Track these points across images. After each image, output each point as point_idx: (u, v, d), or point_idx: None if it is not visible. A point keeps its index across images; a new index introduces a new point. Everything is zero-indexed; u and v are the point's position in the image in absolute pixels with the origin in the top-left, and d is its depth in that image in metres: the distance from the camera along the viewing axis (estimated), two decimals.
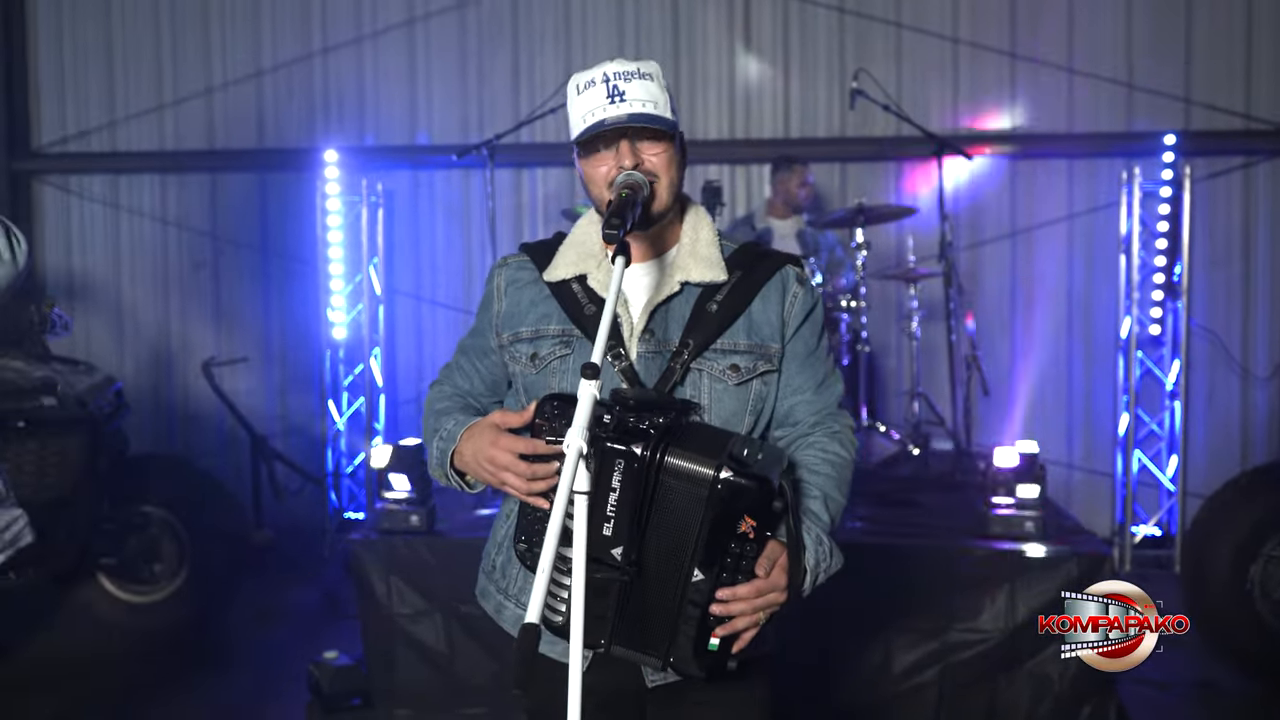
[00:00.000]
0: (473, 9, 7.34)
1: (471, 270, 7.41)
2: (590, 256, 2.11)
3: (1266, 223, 6.93)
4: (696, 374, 2.03)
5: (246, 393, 7.29)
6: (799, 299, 2.12)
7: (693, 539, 1.77)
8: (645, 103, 1.98)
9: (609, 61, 2.02)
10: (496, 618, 2.18)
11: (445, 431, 2.08)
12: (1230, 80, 6.91)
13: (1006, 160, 7.00)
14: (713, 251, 2.10)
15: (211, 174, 7.62)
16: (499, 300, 2.19)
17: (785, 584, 1.85)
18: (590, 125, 1.98)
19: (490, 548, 2.25)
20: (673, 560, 1.79)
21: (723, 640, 1.84)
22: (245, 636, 5.46)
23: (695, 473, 1.75)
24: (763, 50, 7.20)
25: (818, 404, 2.13)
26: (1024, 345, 7.09)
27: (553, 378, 2.07)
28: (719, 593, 1.81)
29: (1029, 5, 6.99)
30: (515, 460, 1.90)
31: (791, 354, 2.11)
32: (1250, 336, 6.97)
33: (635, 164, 1.98)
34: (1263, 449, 6.94)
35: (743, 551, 1.80)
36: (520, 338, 2.13)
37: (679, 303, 2.07)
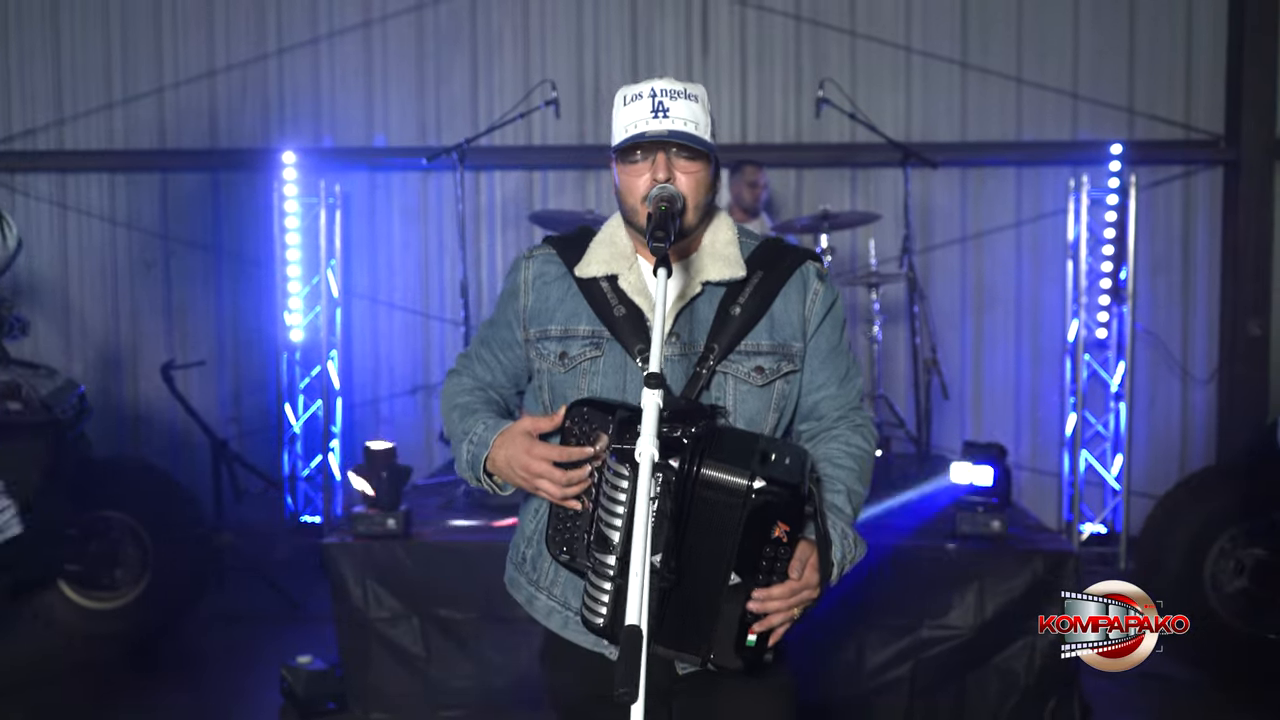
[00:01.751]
0: (430, 12, 7.33)
1: (428, 272, 7.41)
2: (622, 257, 2.16)
3: (1205, 230, 7.17)
4: (721, 377, 2.09)
5: (199, 395, 7.22)
6: (820, 296, 2.19)
7: (730, 545, 1.85)
8: (687, 122, 2.04)
9: (658, 79, 2.08)
10: (528, 607, 2.24)
11: (476, 436, 2.12)
12: (1171, 92, 7.14)
13: (957, 168, 7.16)
14: (731, 250, 2.16)
15: (163, 174, 7.51)
16: (526, 294, 2.22)
17: (817, 582, 1.94)
18: (632, 135, 2.04)
19: (518, 540, 2.30)
20: (712, 565, 1.87)
21: (759, 635, 1.91)
22: (210, 641, 5.42)
23: (731, 484, 1.83)
24: (720, 57, 7.28)
25: (841, 399, 2.21)
26: (974, 348, 7.25)
27: (582, 379, 2.12)
28: (756, 593, 1.89)
29: (980, 16, 7.16)
30: (550, 468, 1.96)
31: (814, 350, 2.18)
32: (1190, 339, 7.21)
33: (668, 178, 2.03)
34: (1201, 449, 7.18)
35: (777, 554, 1.88)
36: (549, 335, 2.17)
37: (702, 304, 2.14)
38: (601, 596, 1.88)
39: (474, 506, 4.98)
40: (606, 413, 1.93)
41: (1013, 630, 4.26)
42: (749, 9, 7.22)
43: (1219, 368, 7.13)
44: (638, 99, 2.06)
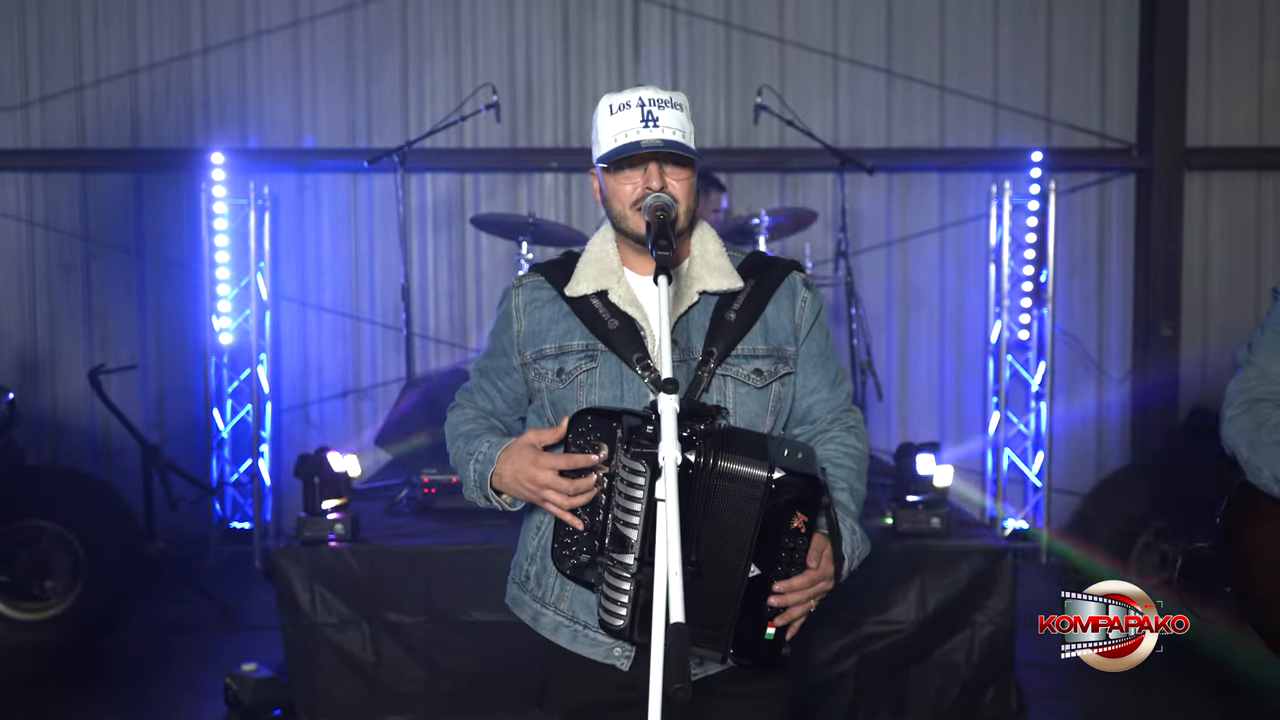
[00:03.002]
0: (360, 12, 7.27)
1: (359, 275, 7.35)
2: (610, 272, 2.21)
3: (1119, 235, 7.43)
4: (721, 379, 2.15)
5: (121, 401, 7.00)
6: (809, 303, 2.27)
7: (749, 536, 1.90)
8: (676, 131, 2.10)
9: (642, 87, 2.14)
10: (534, 625, 2.26)
11: (481, 454, 2.15)
12: (1086, 101, 7.39)
13: (883, 173, 7.31)
14: (724, 261, 2.23)
15: (82, 174, 7.32)
16: (519, 320, 2.26)
17: (833, 572, 2.01)
18: (624, 145, 2.09)
19: (520, 559, 2.32)
20: (730, 557, 1.91)
21: (777, 628, 1.97)
22: (146, 652, 5.33)
23: (749, 475, 1.88)
24: (651, 61, 7.35)
25: (833, 401, 2.28)
26: (900, 349, 7.43)
27: (580, 391, 2.16)
28: (777, 585, 1.95)
29: (905, 25, 7.33)
30: (556, 478, 1.99)
31: (805, 356, 2.25)
32: (1105, 340, 7.47)
33: (661, 186, 2.08)
34: (1117, 446, 7.44)
35: (795, 545, 1.94)
36: (544, 354, 2.21)
37: (697, 312, 2.20)
38: (620, 598, 1.91)
39: (419, 511, 4.98)
40: (611, 420, 1.97)
41: (953, 624, 4.40)
42: (679, 14, 7.30)
43: (1132, 368, 7.40)
44: (625, 108, 2.11)
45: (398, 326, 6.96)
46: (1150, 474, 5.43)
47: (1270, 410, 2.46)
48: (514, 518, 4.88)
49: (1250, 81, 7.35)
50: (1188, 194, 7.29)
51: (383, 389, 7.33)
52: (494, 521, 4.84)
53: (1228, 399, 2.56)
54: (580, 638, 2.17)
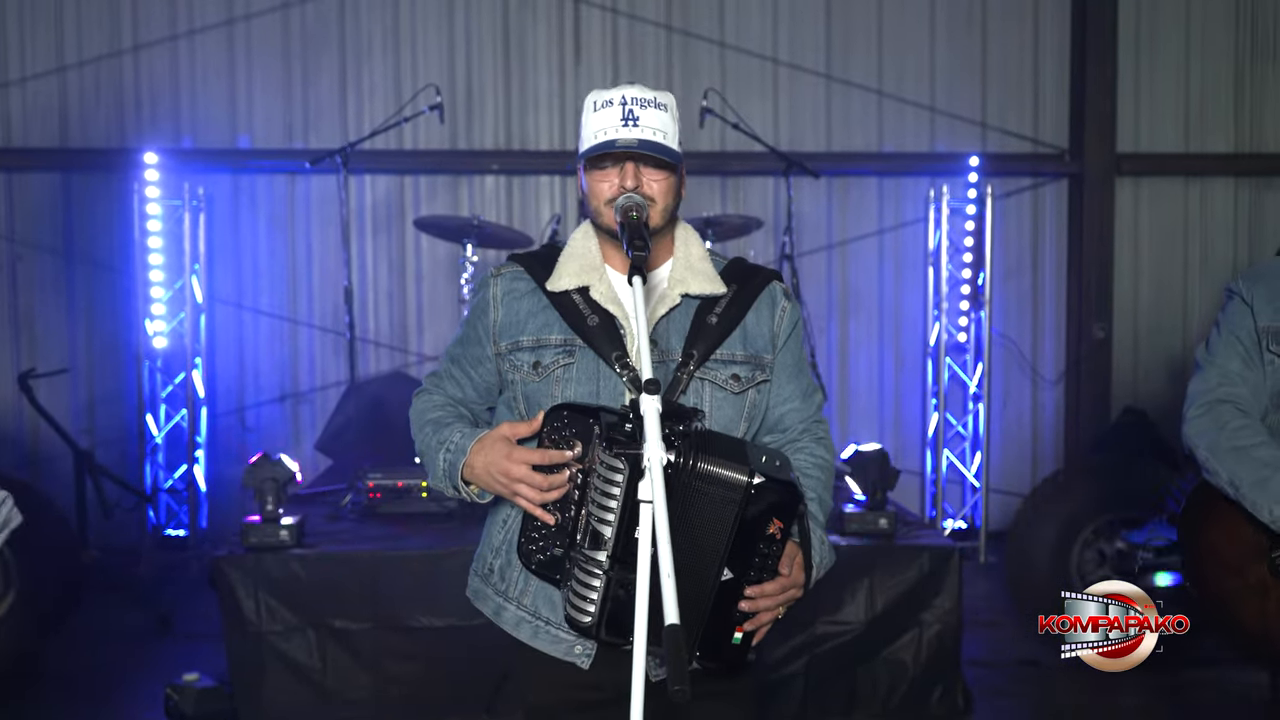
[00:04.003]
0: (296, 11, 7.17)
1: (296, 277, 7.24)
2: (593, 269, 2.19)
3: (1052, 239, 7.57)
4: (699, 383, 2.14)
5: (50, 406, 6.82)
6: (787, 313, 2.27)
7: (725, 540, 1.89)
8: (656, 131, 2.09)
9: (628, 86, 2.13)
10: (496, 619, 2.23)
11: (453, 444, 2.12)
12: (1020, 107, 7.53)
13: (823, 177, 7.37)
14: (707, 265, 2.23)
15: (7, 173, 7.12)
16: (495, 309, 2.23)
17: (803, 580, 2.02)
18: (601, 143, 2.08)
19: (484, 551, 2.29)
20: (705, 560, 1.91)
21: (744, 634, 1.96)
22: (81, 662, 5.19)
23: (730, 479, 1.87)
24: (592, 64, 7.34)
25: (805, 412, 2.29)
26: (840, 352, 7.49)
27: (556, 386, 2.14)
28: (750, 590, 1.95)
29: (843, 30, 7.40)
30: (530, 472, 1.97)
31: (781, 365, 2.25)
32: (1039, 343, 7.60)
33: (636, 186, 2.08)
34: (1051, 447, 7.58)
35: (770, 551, 1.94)
36: (521, 346, 2.18)
37: (678, 314, 2.19)
38: (590, 594, 1.89)
39: (363, 516, 4.92)
40: (588, 416, 1.95)
41: (901, 623, 4.44)
42: (620, 17, 7.30)
43: (1066, 369, 7.54)
44: (608, 105, 2.09)
45: (336, 330, 6.88)
46: (1088, 473, 5.52)
47: (1231, 414, 2.51)
48: (462, 520, 4.85)
49: (1177, 89, 7.53)
50: (1119, 199, 7.45)
51: (321, 393, 7.23)
52: (440, 525, 4.81)
53: (1189, 398, 2.61)
54: (541, 634, 2.15)
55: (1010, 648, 5.22)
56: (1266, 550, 2.44)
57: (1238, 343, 2.57)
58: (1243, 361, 2.56)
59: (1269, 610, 2.45)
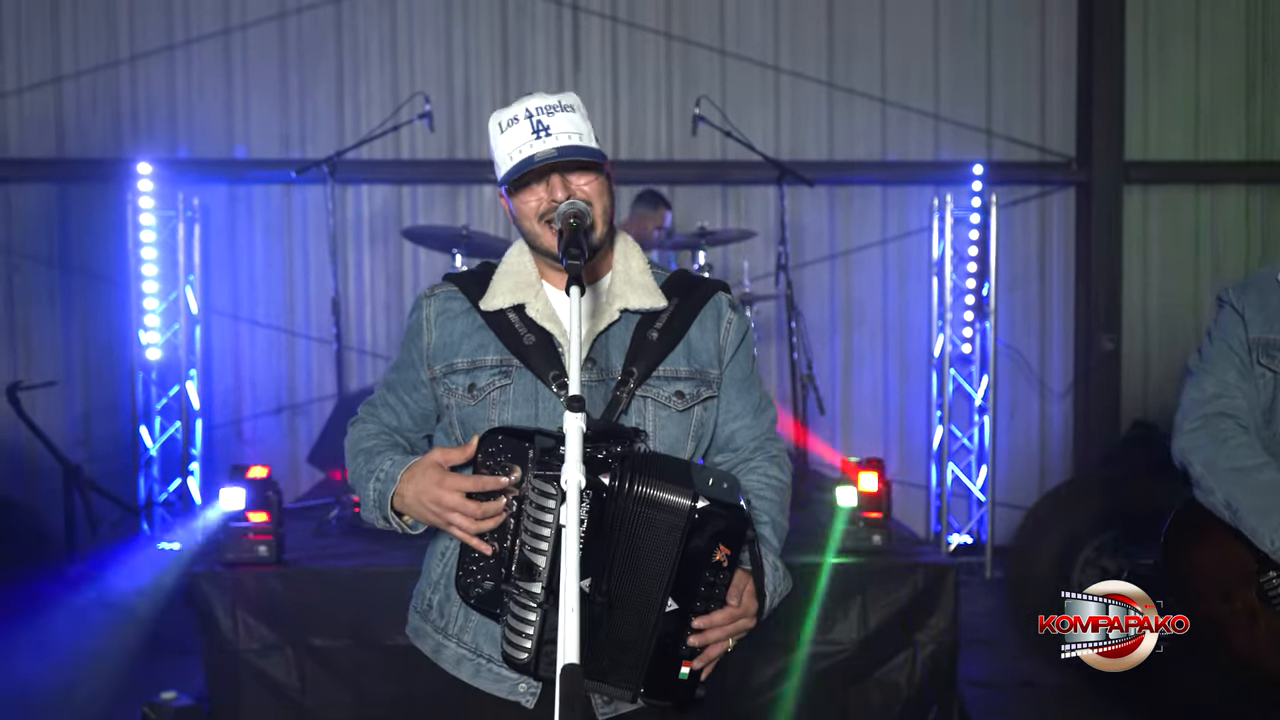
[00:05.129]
0: (293, 21, 7.12)
1: (293, 288, 7.18)
2: (527, 286, 2.09)
3: (1060, 248, 7.45)
4: (641, 401, 2.03)
5: (45, 418, 6.77)
6: (734, 325, 2.15)
7: (668, 568, 1.78)
8: (571, 135, 1.97)
9: (529, 97, 2.01)
10: (435, 657, 2.11)
11: (382, 473, 2.01)
12: (1026, 114, 7.41)
13: (824, 186, 7.27)
14: (647, 279, 2.12)
15: (4, 184, 7.09)
16: (429, 331, 2.13)
17: (755, 610, 1.90)
18: (519, 162, 1.96)
19: (423, 586, 2.18)
20: (647, 590, 1.80)
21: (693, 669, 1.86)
22: (63, 678, 5.10)
23: (672, 503, 1.76)
24: (591, 73, 7.26)
25: (756, 429, 2.17)
26: (843, 363, 7.38)
27: (492, 409, 2.03)
28: (697, 621, 1.83)
29: (845, 38, 7.30)
30: (463, 500, 1.86)
31: (729, 380, 2.14)
32: (1047, 354, 7.47)
33: (567, 196, 1.97)
34: (1059, 460, 7.43)
35: (716, 579, 1.82)
36: (455, 369, 2.08)
37: (618, 330, 2.08)
38: (526, 629, 1.78)
39: (348, 531, 4.83)
40: (523, 440, 1.84)
41: (894, 643, 4.30)
42: (620, 25, 7.22)
43: (1074, 381, 7.40)
44: (514, 123, 1.98)
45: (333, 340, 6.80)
46: (1093, 488, 5.38)
47: (1232, 429, 2.38)
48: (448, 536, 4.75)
49: (1187, 96, 7.40)
50: (1127, 207, 7.32)
51: (318, 405, 7.16)
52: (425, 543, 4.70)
53: (1184, 409, 2.49)
54: (484, 672, 2.04)
55: (1011, 667, 5.08)
56: (1255, 575, 2.31)
57: (1232, 353, 2.46)
58: (1239, 373, 2.44)
59: (1258, 637, 2.33)
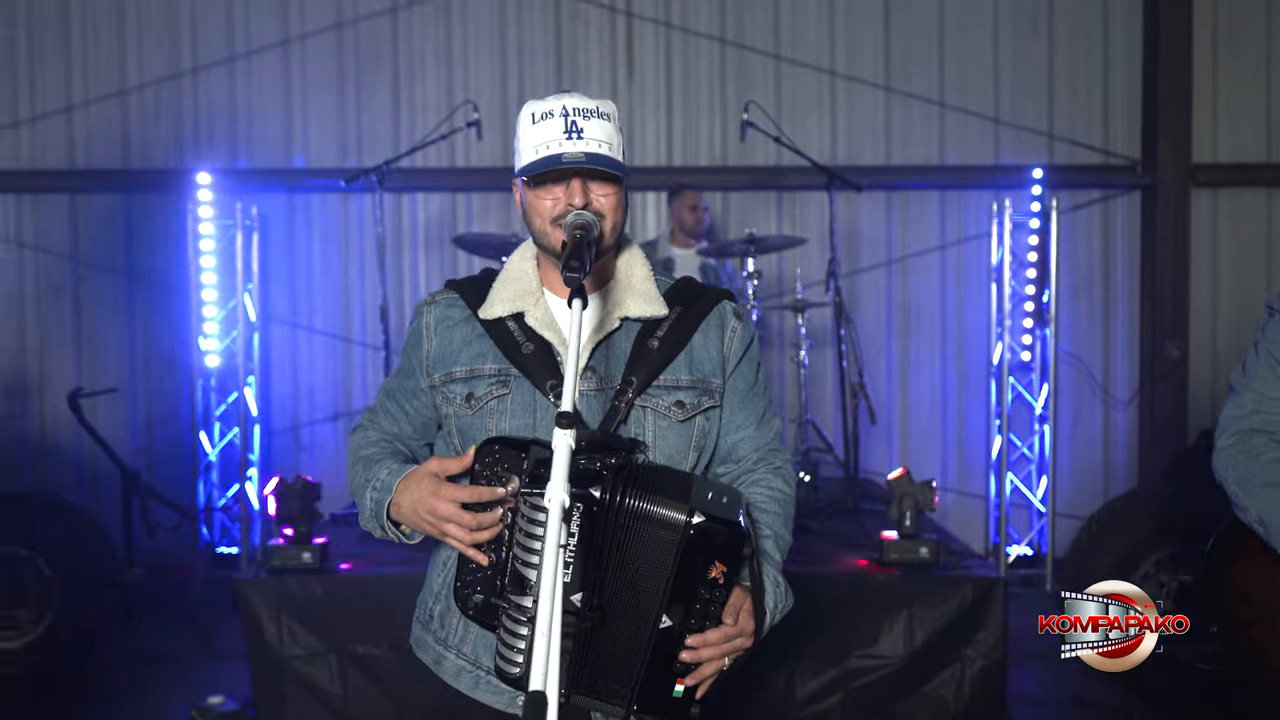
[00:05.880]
0: (350, 31, 7.19)
1: (350, 296, 7.25)
2: (528, 294, 2.07)
3: (1124, 253, 7.27)
4: (640, 411, 2.01)
5: (109, 424, 6.97)
6: (738, 334, 2.12)
7: (662, 584, 1.75)
8: (602, 143, 1.95)
9: (567, 95, 1.99)
10: (436, 669, 2.11)
11: (379, 481, 2.00)
12: (1089, 117, 7.25)
13: (882, 191, 7.18)
14: (649, 287, 2.09)
15: (72, 194, 7.26)
16: (429, 339, 2.12)
17: (753, 629, 1.86)
18: (546, 157, 1.94)
19: (425, 596, 2.17)
20: (641, 605, 1.77)
21: (687, 686, 1.82)
22: (117, 681, 5.19)
23: (667, 518, 1.73)
24: (645, 79, 7.24)
25: (759, 440, 2.14)
26: (900, 370, 7.27)
27: (490, 419, 2.02)
28: (690, 639, 1.80)
29: (902, 40, 7.20)
30: (458, 511, 1.84)
31: (732, 389, 2.11)
32: (1111, 362, 7.30)
33: (585, 203, 1.94)
34: (1124, 471, 7.25)
35: (712, 596, 1.79)
36: (454, 377, 2.06)
37: (619, 339, 2.05)
38: (517, 643, 1.76)
39: None
40: (519, 450, 1.83)
41: (942, 658, 4.24)
42: (674, 31, 7.19)
43: (1139, 390, 7.22)
44: (548, 117, 1.96)
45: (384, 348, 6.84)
46: (1153, 500, 5.22)
47: (1264, 444, 2.30)
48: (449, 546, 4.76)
49: (1257, 96, 7.19)
50: (1194, 211, 7.13)
51: None
52: None
53: (1221, 426, 2.42)
54: (482, 684, 2.03)
55: (1064, 684, 4.95)
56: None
57: (1277, 365, 2.37)
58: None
59: None
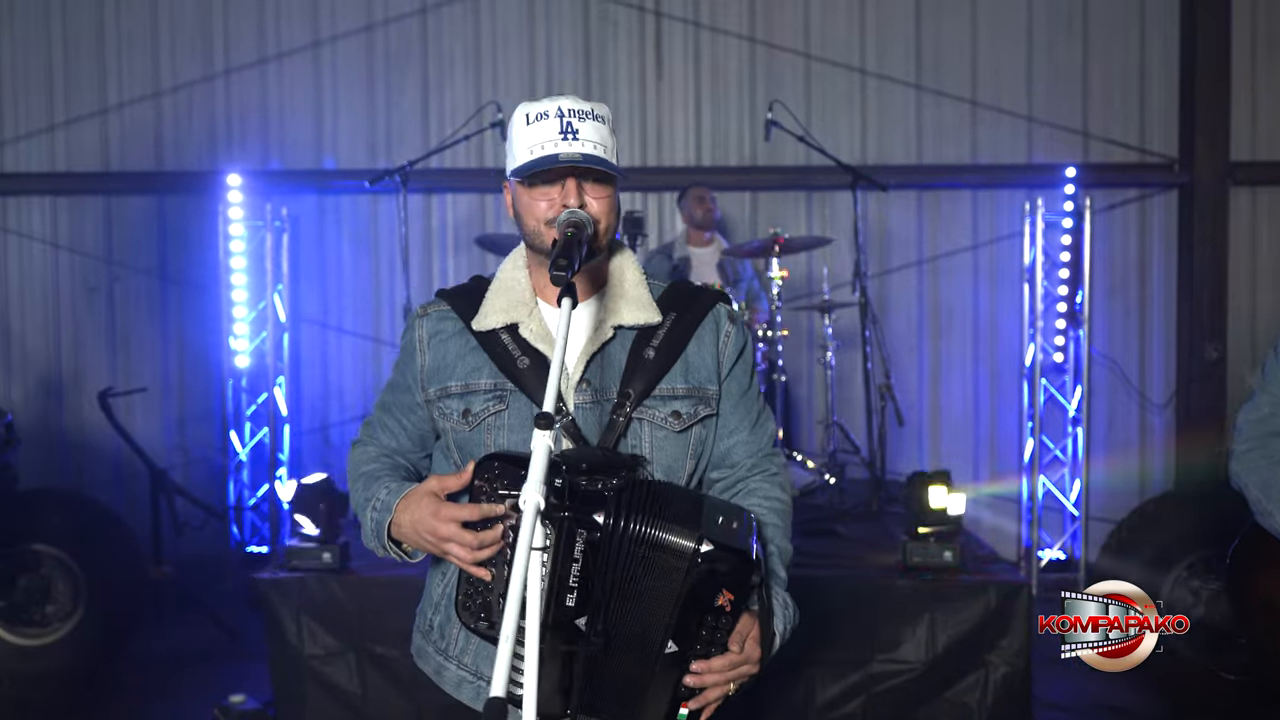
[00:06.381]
0: (380, 32, 7.22)
1: (379, 297, 7.27)
2: (521, 304, 2.04)
3: (1160, 253, 7.15)
4: (638, 423, 1.98)
5: (143, 424, 7.06)
6: (732, 337, 2.09)
7: (669, 610, 1.73)
8: (597, 145, 1.93)
9: (562, 96, 1.97)
10: (437, 679, 2.08)
11: (379, 501, 1.98)
12: (1125, 115, 7.13)
13: (913, 190, 7.10)
14: (641, 292, 2.06)
15: (106, 197, 7.34)
16: (422, 353, 2.09)
17: (758, 657, 1.83)
18: (541, 157, 1.92)
19: (425, 606, 2.15)
20: (647, 631, 1.75)
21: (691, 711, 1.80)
22: (144, 679, 5.24)
23: (674, 545, 1.71)
24: (674, 78, 7.21)
25: (753, 445, 2.11)
26: (931, 372, 7.19)
27: (488, 435, 1.99)
28: (695, 665, 1.78)
29: (933, 39, 7.13)
30: (459, 531, 1.82)
31: (726, 394, 2.08)
32: (1147, 364, 7.18)
33: (580, 204, 1.92)
34: (1161, 474, 7.13)
35: (718, 624, 1.77)
36: (449, 393, 2.04)
37: (614, 348, 2.02)
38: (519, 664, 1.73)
39: None
40: (519, 467, 1.79)
41: (965, 663, 4.17)
42: (702, 30, 7.16)
43: (1176, 392, 7.10)
44: (543, 118, 1.94)
45: None
46: (1186, 503, 5.11)
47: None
48: None
49: None
50: (1233, 210, 7.00)
51: None
52: None
53: (1239, 430, 2.36)
54: (484, 695, 1.99)
55: (1094, 691, 4.87)
56: None
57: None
58: None
59: None
